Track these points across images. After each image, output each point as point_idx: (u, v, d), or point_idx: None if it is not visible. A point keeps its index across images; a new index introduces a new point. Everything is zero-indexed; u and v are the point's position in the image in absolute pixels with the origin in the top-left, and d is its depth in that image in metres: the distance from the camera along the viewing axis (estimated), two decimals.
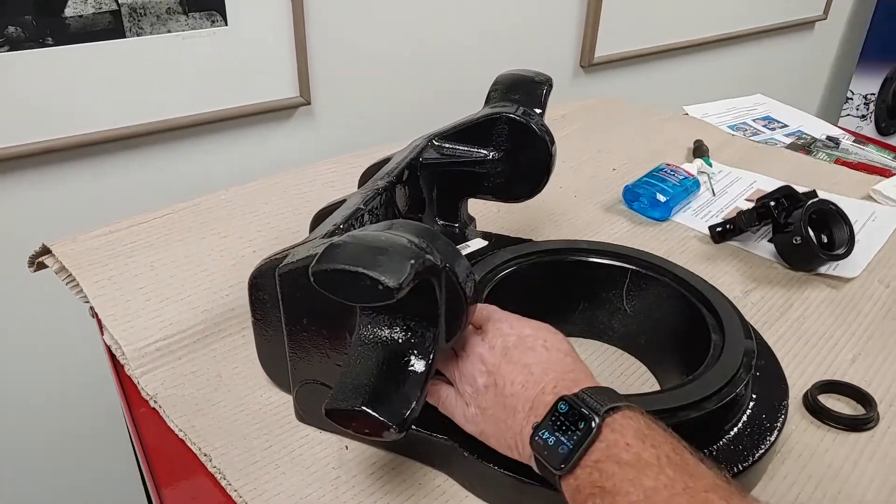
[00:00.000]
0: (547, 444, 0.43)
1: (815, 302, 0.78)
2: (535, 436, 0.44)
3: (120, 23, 1.01)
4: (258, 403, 0.61)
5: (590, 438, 0.41)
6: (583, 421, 0.42)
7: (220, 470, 0.54)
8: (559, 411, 0.43)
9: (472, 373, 0.50)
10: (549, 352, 0.49)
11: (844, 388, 0.65)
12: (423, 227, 0.49)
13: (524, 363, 0.48)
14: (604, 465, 0.41)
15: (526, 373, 0.47)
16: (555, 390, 0.45)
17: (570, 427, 0.42)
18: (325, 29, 1.19)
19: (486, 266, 0.68)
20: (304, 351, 0.56)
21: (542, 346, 0.49)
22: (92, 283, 0.69)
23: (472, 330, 0.52)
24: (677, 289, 0.67)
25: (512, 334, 0.50)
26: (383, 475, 0.55)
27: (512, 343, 0.50)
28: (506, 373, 0.48)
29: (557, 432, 0.43)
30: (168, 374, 0.64)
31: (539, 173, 0.72)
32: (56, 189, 1.05)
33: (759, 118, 1.28)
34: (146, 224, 0.79)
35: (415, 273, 0.42)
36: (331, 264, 0.42)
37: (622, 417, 0.42)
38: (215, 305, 0.70)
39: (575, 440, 0.42)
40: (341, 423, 0.47)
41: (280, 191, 0.88)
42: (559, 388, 0.46)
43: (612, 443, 0.41)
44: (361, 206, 0.60)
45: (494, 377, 0.48)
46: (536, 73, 0.75)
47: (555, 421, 0.43)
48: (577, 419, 0.42)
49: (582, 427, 0.42)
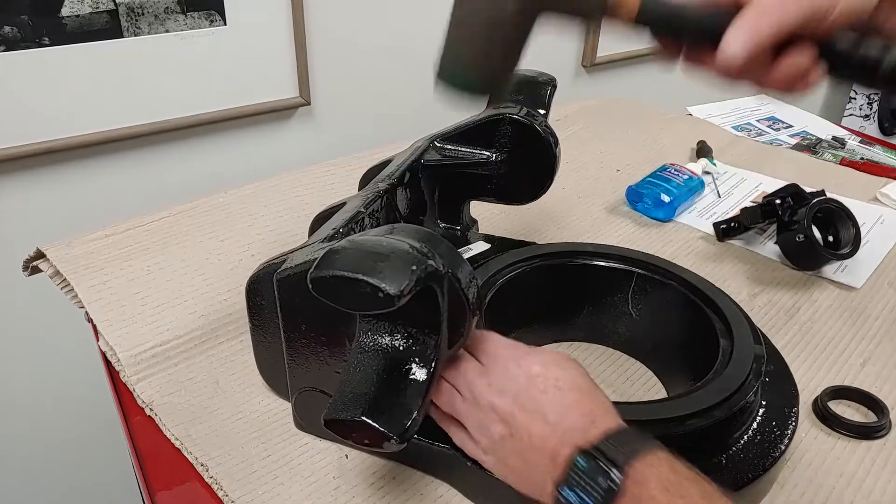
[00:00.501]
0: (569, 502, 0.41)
1: (824, 305, 0.76)
2: (559, 493, 0.42)
3: (117, 22, 1.00)
4: (256, 411, 0.60)
5: (612, 498, 0.40)
6: (603, 477, 0.40)
7: (216, 480, 0.53)
8: (579, 467, 0.41)
9: (485, 424, 0.47)
10: (562, 392, 0.45)
11: (855, 395, 0.64)
12: (424, 231, 0.47)
13: (539, 411, 0.45)
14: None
15: (542, 423, 0.44)
16: (572, 441, 0.43)
17: (592, 484, 0.40)
18: (325, 28, 1.17)
19: (489, 270, 0.66)
20: (302, 358, 0.54)
21: (555, 387, 0.46)
22: (87, 287, 0.68)
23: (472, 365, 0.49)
24: (684, 292, 0.65)
25: (520, 375, 0.47)
26: (384, 485, 0.54)
27: (523, 387, 0.46)
28: (521, 423, 0.45)
29: (579, 489, 0.41)
30: (164, 380, 0.62)
31: (543, 175, 0.71)
32: (53, 191, 1.04)
33: (764, 118, 1.27)
34: (143, 227, 0.78)
35: (416, 279, 0.41)
36: (330, 271, 0.41)
37: (644, 465, 0.40)
38: (213, 310, 0.69)
39: (597, 499, 0.40)
40: (341, 434, 0.46)
41: (279, 193, 0.86)
42: (576, 437, 0.43)
43: (636, 497, 0.39)
44: (362, 209, 0.59)
45: (510, 427, 0.45)
46: (540, 73, 0.74)
47: (576, 477, 0.41)
48: (598, 474, 0.40)
49: (603, 485, 0.40)
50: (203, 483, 0.54)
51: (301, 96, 1.19)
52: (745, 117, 1.26)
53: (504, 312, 0.66)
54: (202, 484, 0.54)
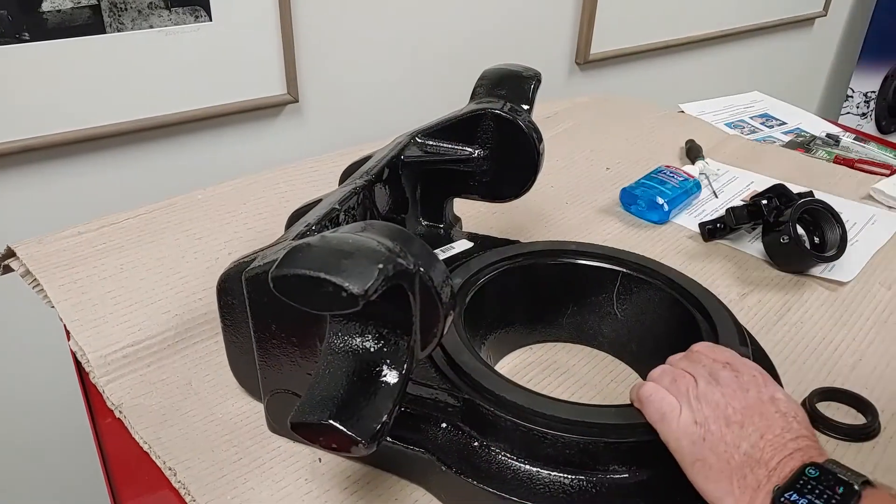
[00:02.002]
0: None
1: (815, 305, 0.75)
2: (779, 498, 0.42)
3: (100, 18, 0.98)
4: (229, 413, 0.58)
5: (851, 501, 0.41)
6: (842, 486, 0.41)
7: (184, 485, 0.52)
8: (808, 475, 0.42)
9: (715, 400, 0.47)
10: (790, 412, 0.46)
11: (844, 396, 0.62)
12: (397, 228, 0.46)
13: (773, 422, 0.45)
14: None
15: (774, 430, 0.45)
16: (797, 456, 0.44)
17: (825, 492, 0.41)
18: (313, 24, 1.16)
19: (470, 269, 0.65)
20: (273, 359, 0.53)
21: (786, 404, 0.47)
22: (57, 286, 0.66)
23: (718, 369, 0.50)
24: (670, 293, 0.64)
25: (761, 383, 0.48)
26: (358, 489, 0.52)
27: (763, 394, 0.47)
28: (754, 420, 0.45)
29: (809, 495, 0.41)
30: (135, 382, 0.61)
31: (526, 172, 0.69)
32: (32, 190, 1.02)
33: (757, 116, 1.25)
34: (118, 225, 0.76)
35: (383, 279, 0.39)
36: (291, 269, 0.39)
37: (874, 489, 0.42)
38: (187, 310, 0.67)
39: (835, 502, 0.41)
40: (308, 438, 0.44)
41: (259, 190, 0.85)
42: (804, 453, 0.44)
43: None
44: (337, 205, 0.57)
45: (742, 419, 0.46)
46: (524, 67, 0.73)
47: (804, 484, 0.42)
48: (834, 484, 0.41)
49: (842, 492, 0.41)
50: (171, 488, 0.52)
51: (289, 93, 1.18)
52: (738, 114, 1.25)
53: (486, 312, 0.64)
54: (170, 489, 0.52)
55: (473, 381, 0.52)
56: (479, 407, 0.50)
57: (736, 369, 0.49)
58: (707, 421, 0.46)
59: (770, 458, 0.44)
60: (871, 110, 2.13)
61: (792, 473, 0.42)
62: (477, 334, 0.63)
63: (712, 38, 1.78)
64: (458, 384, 0.52)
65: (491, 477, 0.49)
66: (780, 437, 0.44)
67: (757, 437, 0.45)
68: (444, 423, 0.52)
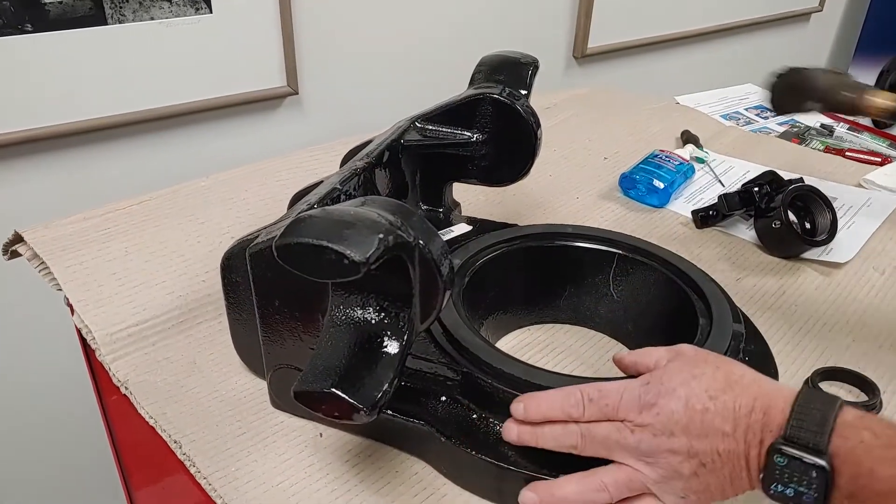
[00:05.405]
0: (787, 497, 0.41)
1: (809, 289, 0.76)
2: (769, 490, 0.41)
3: (101, 9, 1.00)
4: (232, 390, 0.60)
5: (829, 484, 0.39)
6: (813, 470, 0.40)
7: (189, 457, 0.53)
8: (778, 465, 0.41)
9: (673, 470, 0.44)
10: (718, 400, 0.44)
11: (846, 375, 0.63)
12: (397, 203, 0.47)
13: (714, 429, 0.43)
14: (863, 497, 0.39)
15: (722, 437, 0.43)
16: (758, 440, 0.42)
17: (802, 476, 0.40)
18: (312, 16, 1.17)
19: (469, 251, 0.66)
20: (277, 334, 0.54)
21: (709, 398, 0.44)
22: (63, 268, 0.67)
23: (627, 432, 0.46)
24: (665, 273, 0.65)
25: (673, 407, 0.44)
26: (359, 462, 0.53)
27: (684, 417, 0.44)
28: (705, 449, 0.43)
29: (791, 483, 0.40)
30: (140, 360, 0.62)
31: (524, 156, 0.70)
32: (35, 180, 1.03)
33: (752, 107, 1.27)
34: (121, 211, 0.77)
35: (383, 248, 0.40)
36: (294, 238, 0.41)
37: (843, 440, 0.40)
38: (191, 291, 0.68)
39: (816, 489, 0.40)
40: (310, 406, 0.45)
41: (260, 178, 0.86)
42: (761, 434, 0.42)
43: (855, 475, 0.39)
44: (338, 185, 0.58)
45: (698, 458, 0.44)
46: (522, 54, 0.74)
47: (781, 474, 0.41)
48: (802, 467, 0.40)
49: (815, 476, 0.39)
50: (177, 461, 0.54)
51: (289, 85, 1.19)
52: (733, 106, 1.26)
53: (484, 294, 0.66)
54: (177, 462, 0.54)
55: (472, 354, 0.53)
56: (478, 380, 0.52)
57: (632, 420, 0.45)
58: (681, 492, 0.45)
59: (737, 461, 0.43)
60: None
61: (764, 463, 0.42)
62: (475, 315, 0.64)
63: (709, 33, 1.79)
64: (456, 358, 0.53)
65: (489, 447, 0.50)
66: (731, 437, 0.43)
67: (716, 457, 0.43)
68: (443, 396, 0.53)
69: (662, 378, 0.46)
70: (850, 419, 0.41)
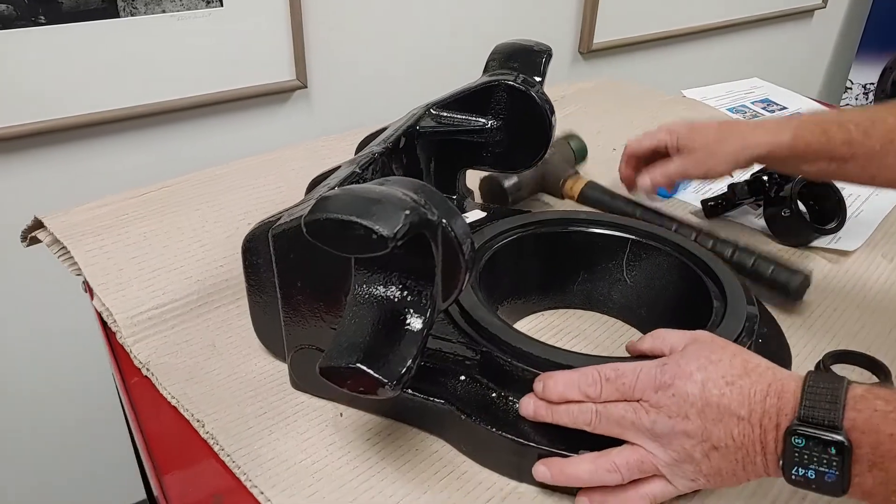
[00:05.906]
0: (810, 479, 0.41)
1: (819, 276, 0.77)
2: (790, 475, 0.42)
3: (113, 2, 1.00)
4: (252, 372, 0.60)
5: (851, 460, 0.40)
6: (831, 446, 0.40)
7: (212, 435, 0.53)
8: (797, 447, 0.41)
9: (686, 453, 0.45)
10: (735, 385, 0.44)
11: (857, 358, 0.64)
12: (419, 182, 0.48)
13: (729, 412, 0.44)
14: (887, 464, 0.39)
15: (736, 421, 0.43)
16: (774, 426, 0.43)
17: (821, 455, 0.40)
18: (321, 10, 1.18)
19: (483, 236, 0.67)
20: (298, 315, 0.54)
21: (726, 383, 0.44)
22: (84, 252, 0.68)
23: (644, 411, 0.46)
24: (678, 257, 0.66)
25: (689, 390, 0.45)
26: (379, 441, 0.54)
27: (700, 400, 0.44)
28: (719, 433, 0.44)
29: (812, 465, 0.41)
30: (160, 342, 0.63)
31: (539, 142, 0.71)
32: (48, 171, 1.04)
33: (758, 101, 1.27)
34: (140, 197, 0.78)
35: (410, 224, 0.41)
36: (324, 214, 0.41)
37: (857, 412, 0.40)
38: (209, 276, 0.69)
39: (837, 466, 0.40)
40: (335, 382, 0.46)
41: (276, 166, 0.87)
42: (776, 418, 0.43)
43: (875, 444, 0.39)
44: (357, 169, 0.59)
45: (711, 441, 0.44)
46: (535, 42, 0.74)
47: (801, 456, 0.41)
48: (820, 444, 0.40)
49: (834, 453, 0.40)
50: (200, 440, 0.54)
51: (298, 79, 1.19)
52: (739, 99, 1.27)
53: (499, 279, 0.66)
54: (199, 440, 0.54)
55: (490, 334, 0.53)
56: (497, 359, 0.52)
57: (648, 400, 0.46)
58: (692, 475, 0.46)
59: (752, 446, 0.43)
60: (870, 102, 2.15)
61: (782, 448, 0.42)
62: (491, 300, 0.65)
63: (713, 29, 1.80)
64: (475, 338, 0.54)
65: (509, 424, 0.51)
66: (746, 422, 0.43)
67: (729, 441, 0.44)
68: (462, 375, 0.54)
69: (679, 361, 0.47)
70: (860, 392, 0.41)
